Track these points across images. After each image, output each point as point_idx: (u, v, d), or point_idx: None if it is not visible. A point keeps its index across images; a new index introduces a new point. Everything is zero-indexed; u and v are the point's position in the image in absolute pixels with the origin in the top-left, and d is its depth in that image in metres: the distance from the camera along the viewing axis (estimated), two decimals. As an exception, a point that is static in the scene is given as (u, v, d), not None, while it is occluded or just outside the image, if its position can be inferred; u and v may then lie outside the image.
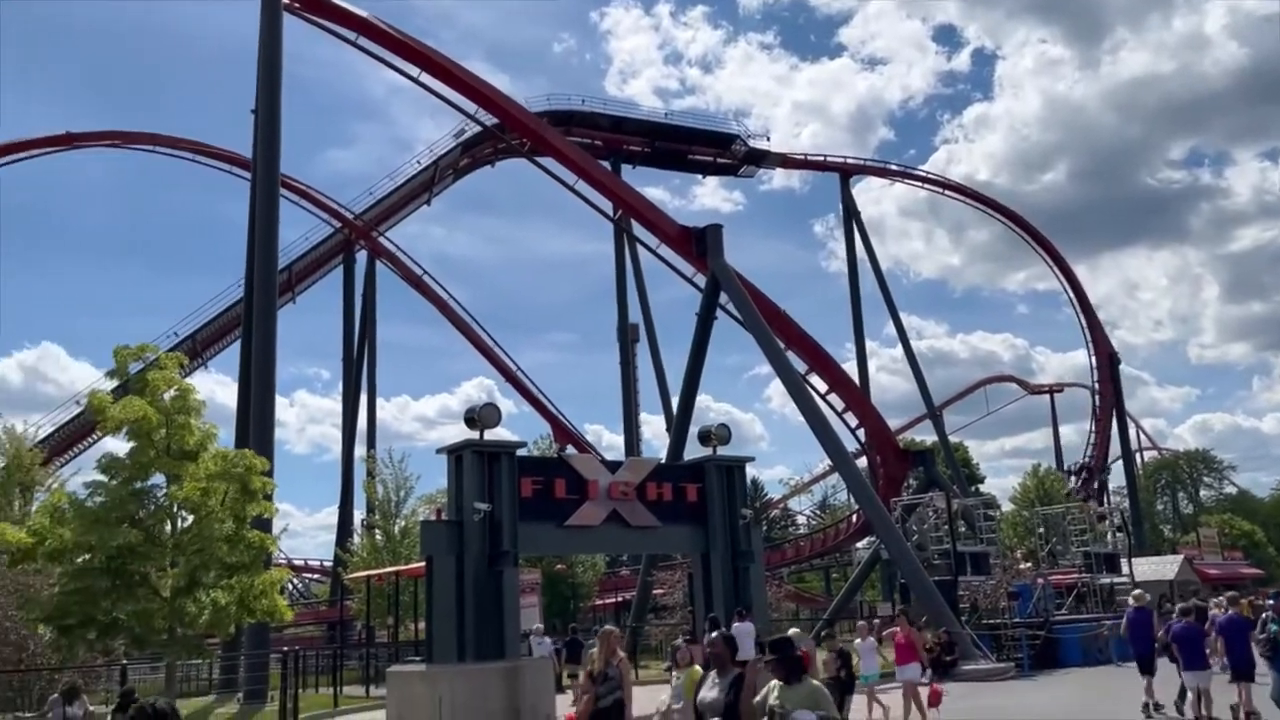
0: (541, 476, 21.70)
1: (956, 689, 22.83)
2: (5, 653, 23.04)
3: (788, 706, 6.39)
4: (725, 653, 7.05)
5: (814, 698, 6.41)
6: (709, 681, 7.13)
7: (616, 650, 10.35)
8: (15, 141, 49.76)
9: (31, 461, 33.08)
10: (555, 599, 39.60)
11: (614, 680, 9.84)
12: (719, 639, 7.29)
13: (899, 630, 16.71)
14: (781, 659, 6.61)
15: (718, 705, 6.83)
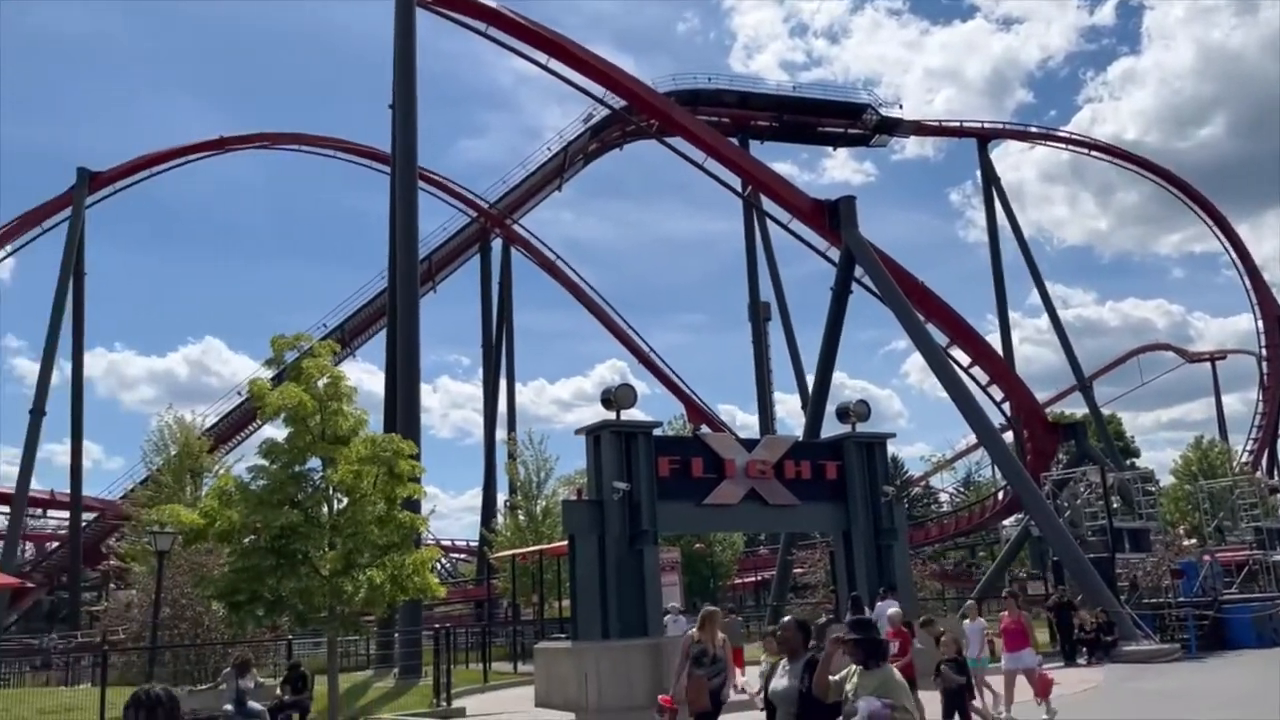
0: (678, 456, 21.82)
1: (1117, 670, 21.89)
2: (183, 628, 24.63)
3: (857, 693, 5.98)
4: (797, 638, 6.61)
5: (885, 686, 5.94)
6: (779, 670, 6.70)
7: (719, 632, 10.13)
8: (174, 148, 52.69)
9: (200, 449, 35.10)
10: (695, 578, 39.77)
11: (721, 662, 9.57)
12: (790, 624, 6.86)
13: (1007, 614, 15.66)
14: (858, 641, 6.16)
15: (790, 694, 6.41)
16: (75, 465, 48.80)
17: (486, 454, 51.85)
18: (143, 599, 25.83)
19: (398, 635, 26.10)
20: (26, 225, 49.98)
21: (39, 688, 30.50)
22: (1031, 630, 15.39)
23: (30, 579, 47.93)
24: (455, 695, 20.44)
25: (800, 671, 6.37)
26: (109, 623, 29.65)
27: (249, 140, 54.26)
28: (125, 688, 21.40)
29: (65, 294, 46.80)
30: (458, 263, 55.12)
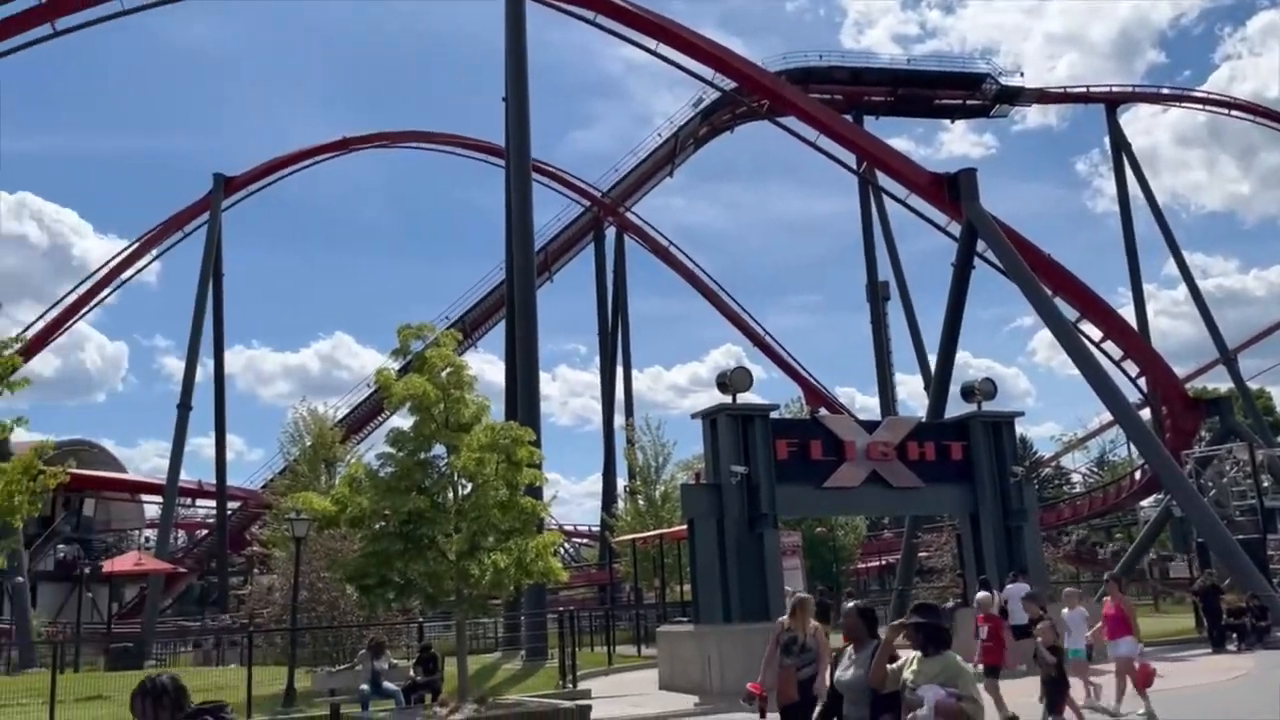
0: (797, 439, 21.63)
1: (1269, 658, 20.78)
2: (320, 610, 25.67)
3: (917, 681, 5.62)
4: (860, 626, 6.30)
5: (948, 672, 5.56)
6: (845, 659, 6.38)
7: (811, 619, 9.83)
8: (301, 150, 54.74)
9: (332, 439, 36.49)
10: (817, 562, 39.34)
11: (811, 652, 9.18)
12: (854, 611, 6.50)
13: (1109, 600, 14.65)
14: (919, 625, 5.78)
15: (857, 684, 6.11)
16: (220, 457, 51.49)
17: (605, 440, 52.38)
18: (283, 583, 27.02)
19: (523, 618, 26.64)
20: (169, 230, 52.69)
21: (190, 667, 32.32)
22: (1133, 617, 14.35)
23: (182, 565, 50.79)
24: (581, 677, 20.75)
25: (866, 661, 6.11)
26: (253, 606, 31.16)
27: (370, 140, 55.90)
28: (272, 667, 22.50)
29: (206, 295, 49.17)
30: (572, 252, 55.71)
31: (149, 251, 53.40)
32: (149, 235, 52.64)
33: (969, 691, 5.54)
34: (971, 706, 5.50)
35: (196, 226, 51.98)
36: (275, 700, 19.10)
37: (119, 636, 38.52)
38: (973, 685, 5.61)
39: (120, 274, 52.58)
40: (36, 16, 33.08)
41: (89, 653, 35.43)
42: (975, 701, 5.54)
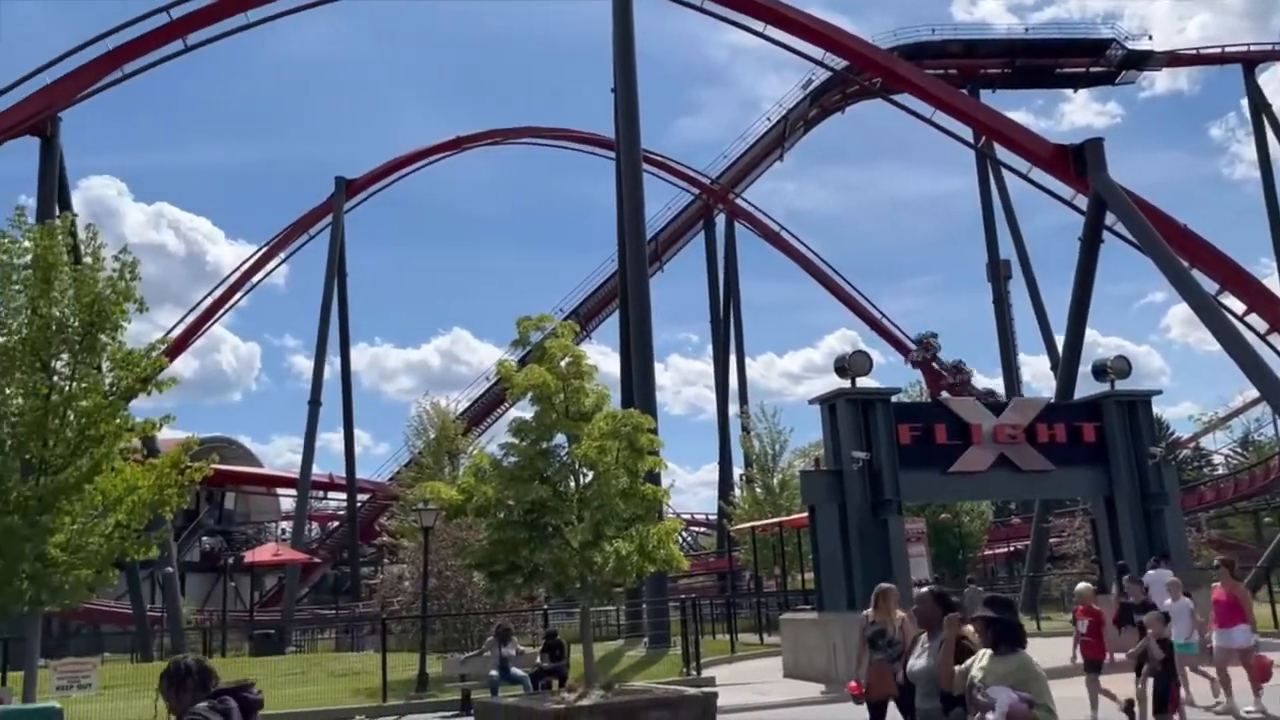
0: (919, 423, 21.16)
1: None
2: (449, 598, 26.37)
3: (986, 680, 5.17)
4: (935, 612, 5.89)
5: (1020, 673, 5.12)
6: (918, 647, 6.06)
7: (898, 609, 9.35)
8: (417, 151, 56.15)
9: (455, 432, 37.41)
10: (942, 549, 38.44)
11: (899, 645, 8.79)
12: (927, 596, 6.09)
13: (1219, 586, 13.33)
14: (991, 620, 5.30)
15: (927, 674, 5.81)
16: (349, 451, 53.31)
17: (720, 429, 52.26)
18: (413, 571, 27.83)
19: (645, 606, 26.80)
20: (295, 234, 54.76)
21: (328, 653, 33.62)
22: (1247, 604, 13.08)
23: (317, 555, 52.86)
24: (704, 665, 20.78)
25: (938, 649, 5.77)
26: (385, 594, 32.19)
27: (482, 138, 56.91)
28: (403, 653, 23.20)
29: (331, 295, 50.93)
30: (683, 240, 55.71)
31: (277, 255, 55.63)
32: (276, 240, 54.83)
33: (1043, 699, 5.08)
34: (1045, 715, 5.08)
35: (320, 229, 53.88)
36: (409, 685, 19.68)
37: (261, 624, 40.35)
38: (1047, 691, 5.15)
39: (251, 278, 54.92)
40: (169, 33, 34.74)
41: (234, 639, 37.23)
42: (1049, 710, 5.10)
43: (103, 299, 13.73)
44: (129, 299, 13.98)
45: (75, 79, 33.96)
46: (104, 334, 13.87)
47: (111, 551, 13.70)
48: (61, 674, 16.20)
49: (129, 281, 13.97)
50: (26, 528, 12.66)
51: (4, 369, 13.36)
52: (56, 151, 34.40)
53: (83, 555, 13.36)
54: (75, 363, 13.75)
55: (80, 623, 43.59)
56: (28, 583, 12.86)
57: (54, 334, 13.58)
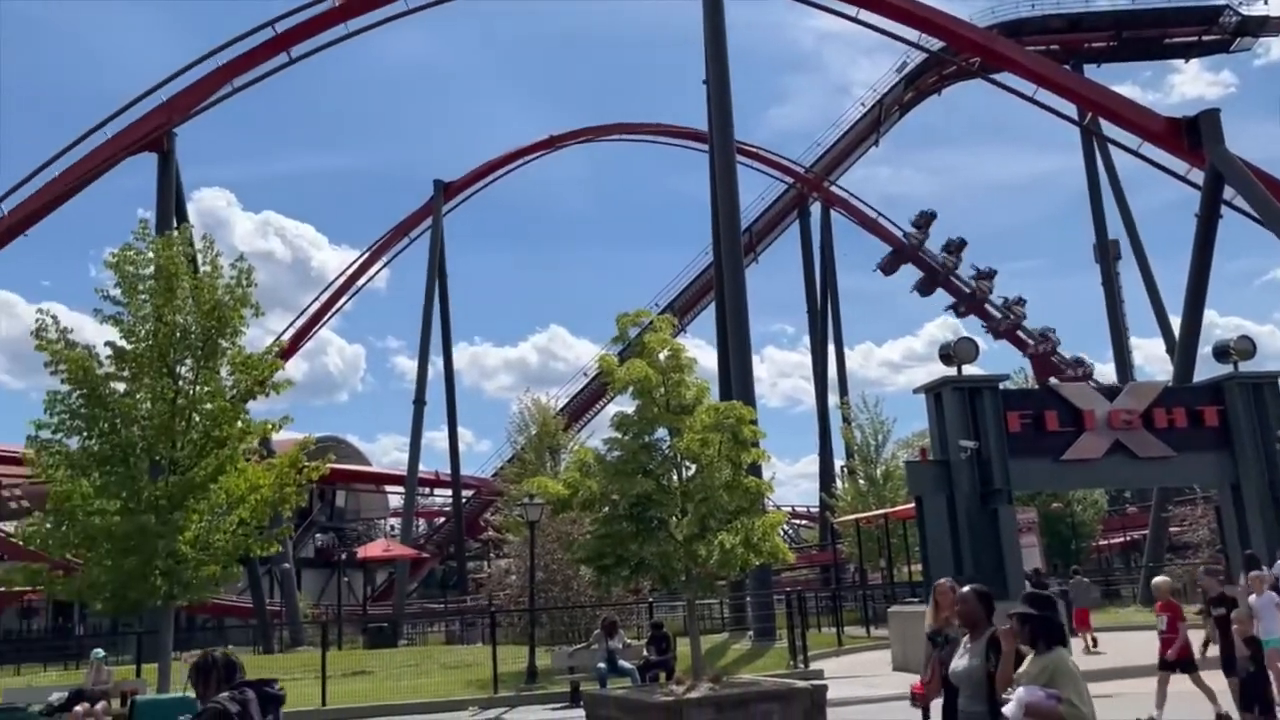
0: (1029, 410, 20.61)
1: None
2: (555, 591, 26.71)
3: (1021, 680, 5.02)
4: (979, 611, 5.60)
5: (1051, 672, 4.94)
6: (960, 648, 5.77)
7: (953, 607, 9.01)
8: (511, 151, 56.94)
9: (555, 427, 37.86)
10: (1055, 539, 37.41)
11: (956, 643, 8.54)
12: (970, 594, 5.74)
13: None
14: (1026, 617, 5.09)
15: (974, 675, 5.49)
16: (453, 448, 54.41)
17: (820, 420, 51.68)
18: (519, 565, 28.28)
19: (749, 599, 26.72)
20: (396, 238, 56.10)
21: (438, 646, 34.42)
22: None
23: (425, 550, 54.15)
24: (811, 658, 20.63)
25: (983, 650, 5.48)
26: (492, 588, 32.78)
27: (575, 136, 57.38)
28: (511, 646, 23.62)
29: (433, 296, 52.00)
30: (777, 230, 55.27)
31: (379, 259, 57.06)
32: (378, 244, 56.26)
33: (1068, 695, 4.87)
34: (1071, 711, 4.86)
35: (420, 233, 55.06)
36: (518, 677, 20.03)
37: (373, 617, 41.56)
38: (1078, 688, 4.94)
39: (354, 282, 56.49)
40: (274, 47, 35.95)
41: (349, 633, 38.39)
42: (1076, 707, 4.88)
43: (222, 305, 14.33)
44: (246, 305, 14.57)
45: (189, 95, 35.41)
46: (223, 339, 14.47)
47: (236, 548, 14.30)
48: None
49: (245, 288, 14.55)
50: (159, 525, 13.30)
51: (134, 375, 14.05)
52: (173, 166, 35.89)
53: (210, 551, 13.98)
54: (198, 367, 14.39)
55: (206, 617, 45.53)
56: (161, 578, 13.52)
57: (178, 340, 14.23)
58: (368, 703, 18.70)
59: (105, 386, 14.01)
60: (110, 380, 14.11)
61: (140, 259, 14.55)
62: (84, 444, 14.13)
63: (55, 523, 13.90)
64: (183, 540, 13.62)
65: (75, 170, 34.26)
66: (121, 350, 14.17)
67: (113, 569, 13.49)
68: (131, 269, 14.49)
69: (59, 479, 13.82)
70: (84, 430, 14.04)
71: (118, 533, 13.39)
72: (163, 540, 13.26)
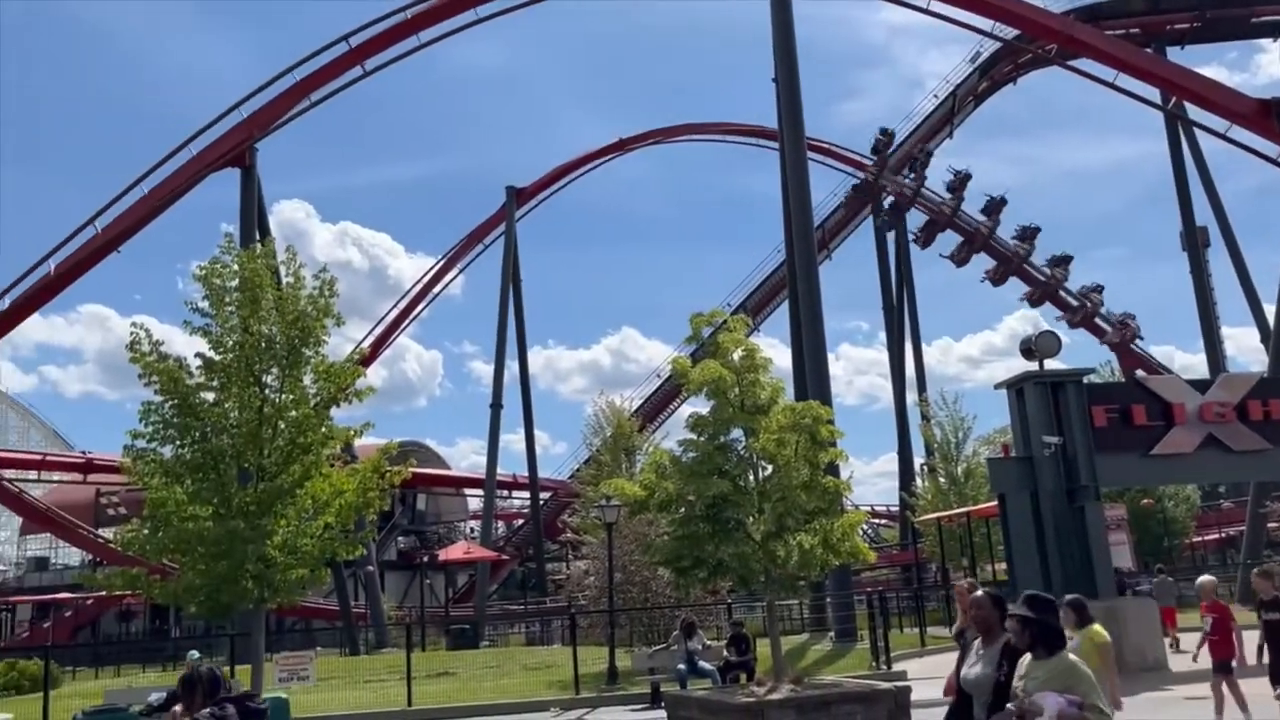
0: (1116, 404, 20.08)
1: None
2: (633, 592, 26.79)
3: (1029, 686, 4.89)
4: (993, 616, 5.44)
5: (1066, 677, 4.83)
6: (973, 654, 5.60)
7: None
8: (582, 156, 57.38)
9: (630, 429, 37.97)
10: (1145, 536, 36.34)
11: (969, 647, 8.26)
12: (985, 599, 5.60)
13: None
14: (1026, 621, 4.98)
15: (984, 683, 5.31)
16: (530, 450, 54.91)
17: (898, 417, 50.98)
18: (597, 566, 28.43)
19: (829, 600, 26.48)
20: (470, 245, 56.90)
21: (519, 647, 34.81)
22: None
23: (504, 552, 54.78)
24: (893, 659, 20.37)
25: (996, 657, 5.32)
26: (571, 589, 33.01)
27: (644, 138, 57.56)
28: (591, 647, 23.77)
29: (507, 301, 52.57)
30: (851, 227, 54.70)
31: (454, 266, 57.92)
32: (453, 251, 57.10)
33: (1092, 699, 4.80)
34: (1097, 716, 4.76)
35: (494, 239, 55.75)
36: (599, 678, 20.15)
37: (455, 619, 42.18)
38: (1096, 691, 4.87)
39: (431, 289, 57.42)
40: (350, 60, 36.74)
41: (431, 634, 39.04)
42: (1101, 710, 4.80)
43: (305, 316, 14.70)
44: (328, 315, 14.92)
45: (268, 110, 36.39)
46: (307, 348, 14.84)
47: (323, 551, 14.65)
48: (283, 667, 17.45)
49: (328, 298, 14.91)
50: (249, 530, 13.69)
51: (223, 384, 14.49)
52: (255, 179, 36.88)
53: (298, 555, 14.34)
54: (283, 376, 14.77)
55: (294, 619, 46.72)
56: (252, 581, 13.91)
57: (263, 350, 14.63)
58: (452, 703, 19.00)
59: (196, 396, 14.46)
60: (200, 390, 14.57)
61: (226, 272, 14.99)
62: (177, 452, 14.59)
63: (152, 529, 14.38)
64: (271, 545, 13.99)
65: (164, 187, 35.47)
66: (210, 361, 14.61)
67: (206, 573, 13.92)
68: (219, 282, 14.93)
69: (154, 486, 14.29)
70: (177, 439, 14.51)
71: (210, 538, 13.82)
72: (252, 545, 13.64)
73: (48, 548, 66.81)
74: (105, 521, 51.54)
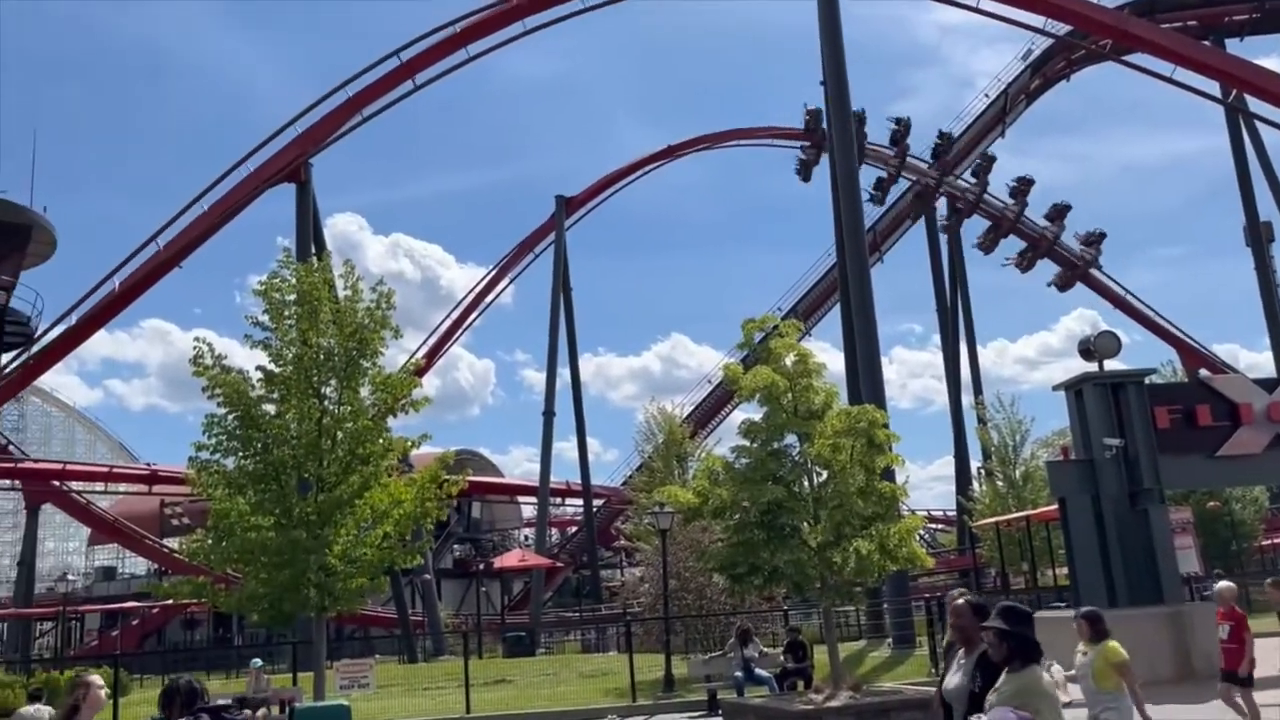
0: (1179, 404, 19.63)
1: None
2: (688, 599, 26.74)
3: (996, 700, 4.77)
4: (973, 626, 5.27)
5: (1026, 694, 4.69)
6: (954, 664, 5.45)
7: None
8: (631, 163, 57.51)
9: (682, 435, 37.91)
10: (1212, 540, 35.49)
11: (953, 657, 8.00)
12: (964, 608, 5.45)
13: None
14: (1003, 634, 4.82)
15: (961, 694, 5.18)
16: (582, 458, 55.07)
17: (954, 421, 50.31)
18: (652, 574, 28.43)
19: (886, 606, 26.21)
20: (521, 254, 57.27)
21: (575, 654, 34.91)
22: None
23: (559, 559, 55.00)
24: (953, 665, 20.08)
25: (972, 669, 5.17)
26: (626, 596, 33.03)
27: (693, 144, 57.49)
28: (646, 654, 23.78)
29: (558, 310, 52.84)
30: (902, 229, 54.17)
31: (505, 276, 58.30)
32: (504, 261, 57.51)
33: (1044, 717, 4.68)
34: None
35: (544, 248, 56.06)
36: (655, 685, 20.14)
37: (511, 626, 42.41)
38: (1054, 712, 4.73)
39: (483, 299, 57.85)
40: (401, 75, 37.26)
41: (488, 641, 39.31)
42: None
43: (363, 328, 14.95)
44: (385, 327, 15.16)
45: (322, 126, 37.02)
46: (364, 360, 15.08)
47: (382, 560, 14.86)
48: (344, 674, 17.70)
49: (385, 311, 15.15)
50: (310, 540, 13.95)
51: (283, 396, 14.77)
52: (310, 194, 37.50)
53: (358, 564, 14.57)
54: (341, 388, 15.03)
55: (353, 627, 47.33)
56: (314, 590, 14.16)
57: (322, 362, 14.90)
58: (510, 711, 19.11)
59: (257, 408, 14.76)
60: (262, 402, 14.86)
61: (285, 286, 15.29)
62: (239, 463, 14.91)
63: (216, 539, 14.70)
64: (332, 554, 14.23)
65: (222, 203, 36.25)
66: (270, 373, 14.91)
67: (269, 582, 14.20)
68: (278, 296, 15.25)
69: (218, 497, 14.62)
70: (239, 450, 14.83)
71: (272, 547, 14.09)
72: (314, 554, 13.89)
73: (115, 557, 68.56)
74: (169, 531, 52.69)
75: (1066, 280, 53.83)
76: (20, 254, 39.71)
